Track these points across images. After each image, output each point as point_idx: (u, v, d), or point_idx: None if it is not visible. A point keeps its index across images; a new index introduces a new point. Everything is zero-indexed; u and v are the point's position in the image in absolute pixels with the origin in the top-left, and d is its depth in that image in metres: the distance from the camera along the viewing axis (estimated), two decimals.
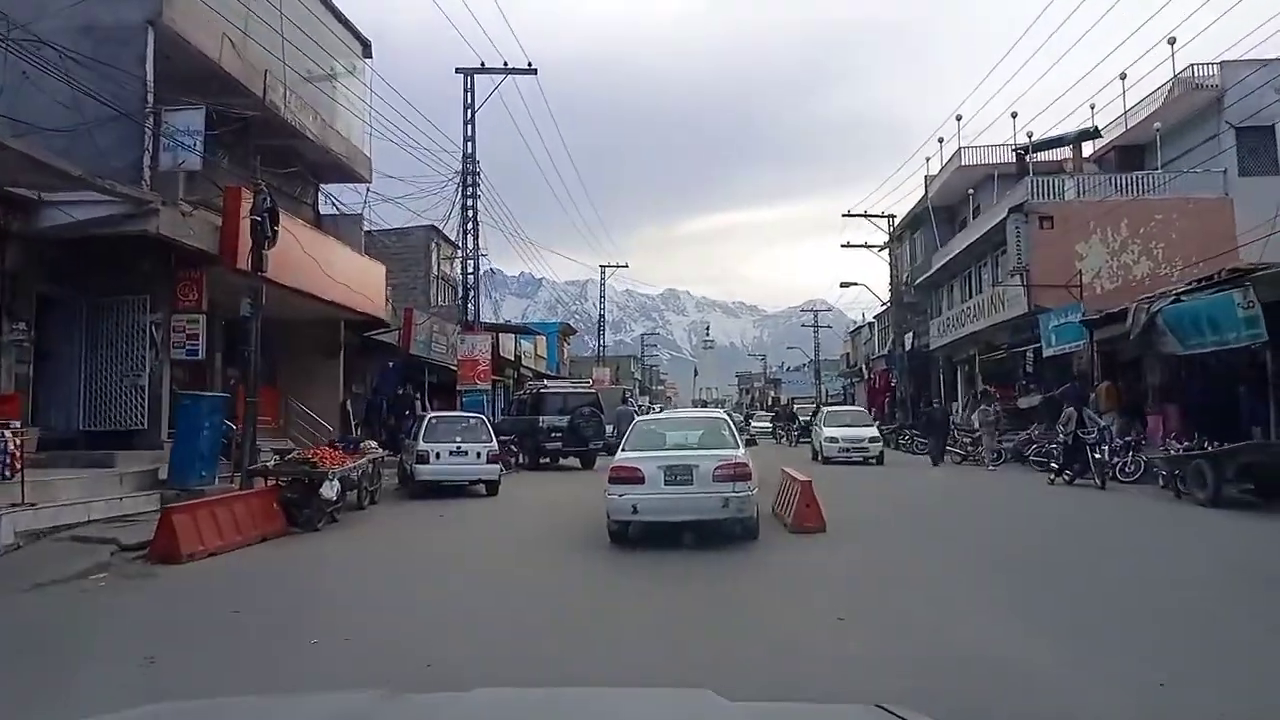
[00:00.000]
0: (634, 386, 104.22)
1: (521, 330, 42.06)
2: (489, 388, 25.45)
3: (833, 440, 26.68)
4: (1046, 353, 27.12)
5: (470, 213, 25.62)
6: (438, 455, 16.27)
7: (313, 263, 17.02)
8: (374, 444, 15.99)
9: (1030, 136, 31.53)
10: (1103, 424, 17.59)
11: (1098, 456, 16.97)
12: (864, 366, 56.34)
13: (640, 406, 65.77)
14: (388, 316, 24.35)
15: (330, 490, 12.00)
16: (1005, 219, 29.60)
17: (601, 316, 66.34)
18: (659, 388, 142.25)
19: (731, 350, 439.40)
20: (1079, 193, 29.50)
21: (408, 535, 12.69)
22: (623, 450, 11.42)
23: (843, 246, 43.72)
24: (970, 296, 36.93)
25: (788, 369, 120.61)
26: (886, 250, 50.63)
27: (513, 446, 22.82)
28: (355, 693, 1.84)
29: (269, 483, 12.30)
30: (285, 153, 18.54)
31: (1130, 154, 32.32)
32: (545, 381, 23.97)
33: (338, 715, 1.65)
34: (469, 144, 25.47)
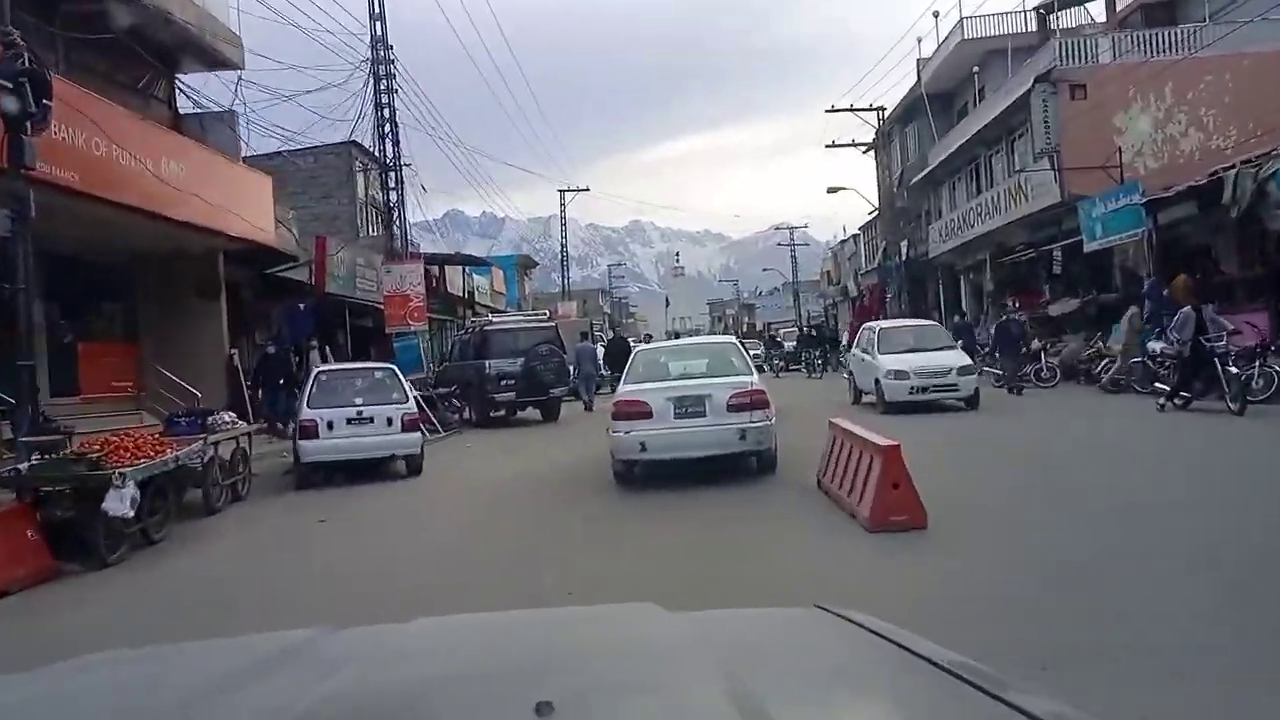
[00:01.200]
0: (603, 320, 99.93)
1: (471, 260, 37.02)
2: (425, 328, 20.74)
3: (899, 375, 16.81)
4: (1089, 247, 22.80)
5: (386, 112, 20.53)
6: (330, 425, 11.48)
7: (148, 168, 12.18)
8: (230, 416, 11.24)
9: None
10: (1230, 327, 13.21)
11: (1233, 370, 12.53)
12: (852, 283, 51.95)
13: (642, 337, 61.17)
14: (292, 248, 19.48)
15: (120, 503, 7.42)
16: (1029, 91, 24.95)
17: (564, 246, 61.34)
18: (629, 320, 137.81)
19: (700, 279, 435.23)
20: (1115, 54, 24.83)
21: (253, 565, 8.10)
22: (625, 383, 10.68)
23: (828, 146, 38.96)
24: (979, 193, 32.41)
25: (761, 293, 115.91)
26: (873, 151, 46.06)
27: (455, 400, 18.27)
28: (294, 631, 1.75)
29: (22, 497, 7.70)
30: (126, 33, 13.52)
31: (1158, 12, 27.70)
32: (492, 317, 19.24)
33: (281, 652, 1.59)
34: (377, 23, 20.26)
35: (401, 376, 12.19)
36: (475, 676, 1.42)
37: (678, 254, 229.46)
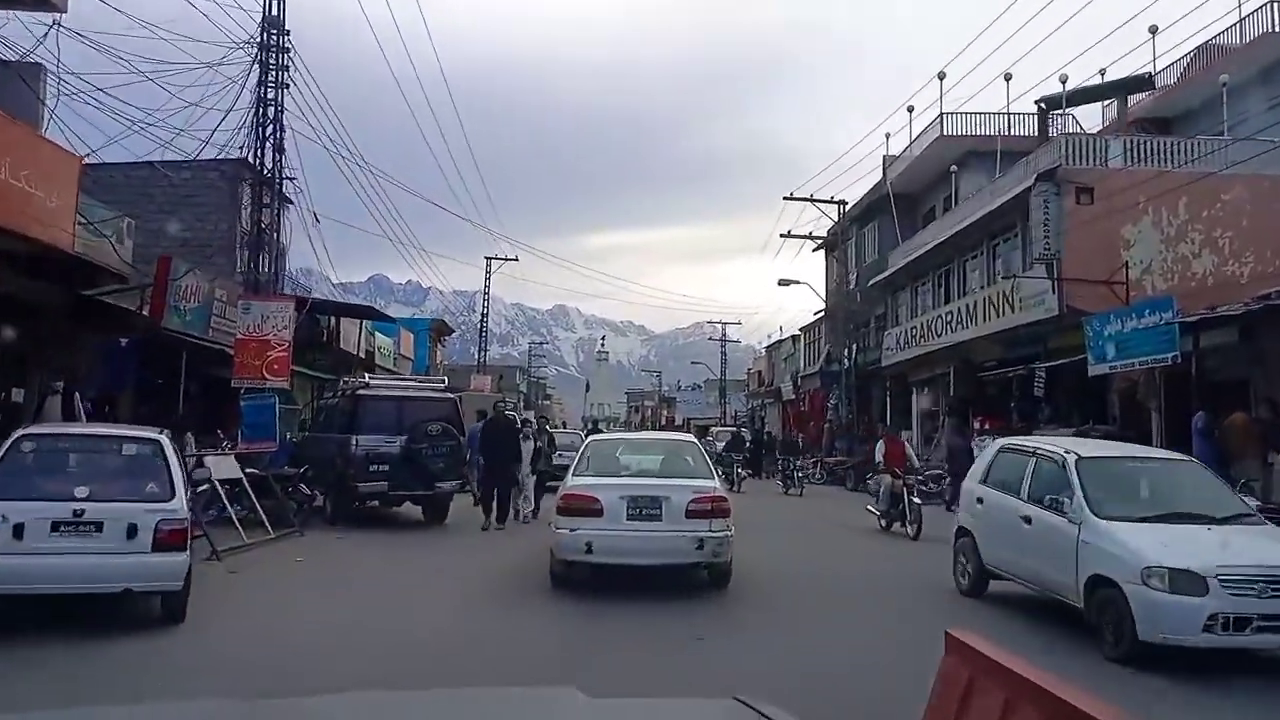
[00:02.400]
0: (519, 400, 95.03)
1: (372, 315, 32.18)
2: (286, 386, 15.94)
3: (1183, 581, 6.89)
4: (1095, 370, 19.49)
5: (272, 109, 16.14)
6: (18, 531, 6.60)
7: None
8: None
9: (1064, 82, 24.14)
10: None
11: None
12: (788, 385, 48.63)
13: (587, 426, 56.26)
14: (119, 265, 14.74)
15: None
16: (1028, 190, 22.02)
17: (484, 314, 56.80)
18: (545, 403, 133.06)
19: (620, 368, 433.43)
20: (1127, 159, 22.17)
21: None
22: (574, 474, 9.78)
23: (783, 236, 35.95)
24: (948, 301, 29.40)
25: (682, 387, 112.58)
26: (824, 250, 43.34)
27: (304, 487, 13.49)
28: (213, 700, 1.90)
29: None
30: None
31: (1158, 127, 25.54)
32: (368, 377, 14.62)
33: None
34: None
35: (171, 452, 7.39)
36: None
37: (602, 338, 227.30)
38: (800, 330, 48.11)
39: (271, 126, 16.27)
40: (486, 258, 55.29)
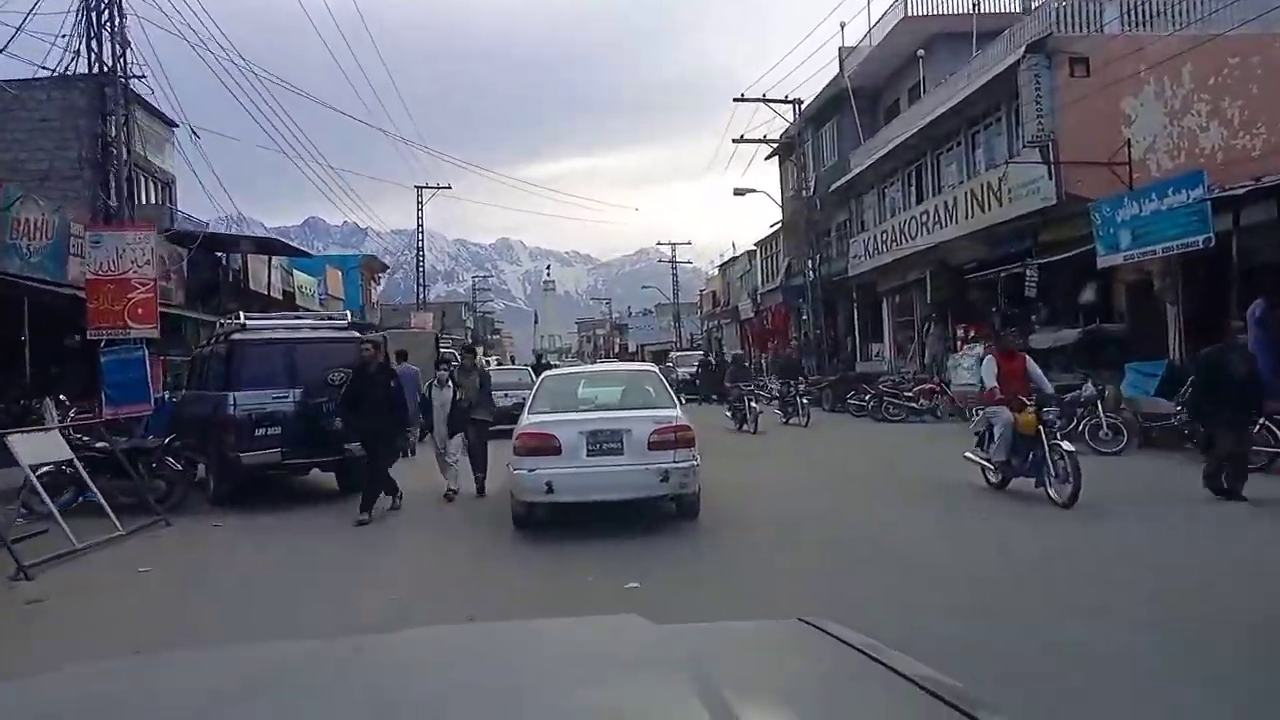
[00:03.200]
0: (466, 337, 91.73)
1: (286, 250, 28.72)
2: (152, 334, 12.85)
3: None
4: (1106, 261, 17.28)
5: None
6: None
7: None
8: None
9: None
10: None
11: None
12: (747, 303, 46.23)
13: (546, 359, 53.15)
14: None
15: None
16: (1017, 64, 19.41)
17: (420, 247, 53.20)
18: (494, 338, 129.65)
19: (568, 299, 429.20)
20: (1125, 22, 19.64)
21: None
22: (530, 411, 9.26)
23: (735, 141, 32.89)
24: (921, 200, 26.97)
25: (633, 314, 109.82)
26: (777, 158, 40.54)
27: (173, 461, 10.64)
28: (279, 643, 1.80)
29: None
30: None
31: None
32: (243, 317, 11.54)
33: (269, 665, 1.60)
34: None
35: None
36: (464, 693, 1.41)
37: (548, 267, 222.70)
38: (756, 245, 45.54)
39: (107, 12, 12.84)
40: (417, 186, 51.62)
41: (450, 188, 52.16)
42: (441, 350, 19.65)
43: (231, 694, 1.38)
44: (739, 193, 32.82)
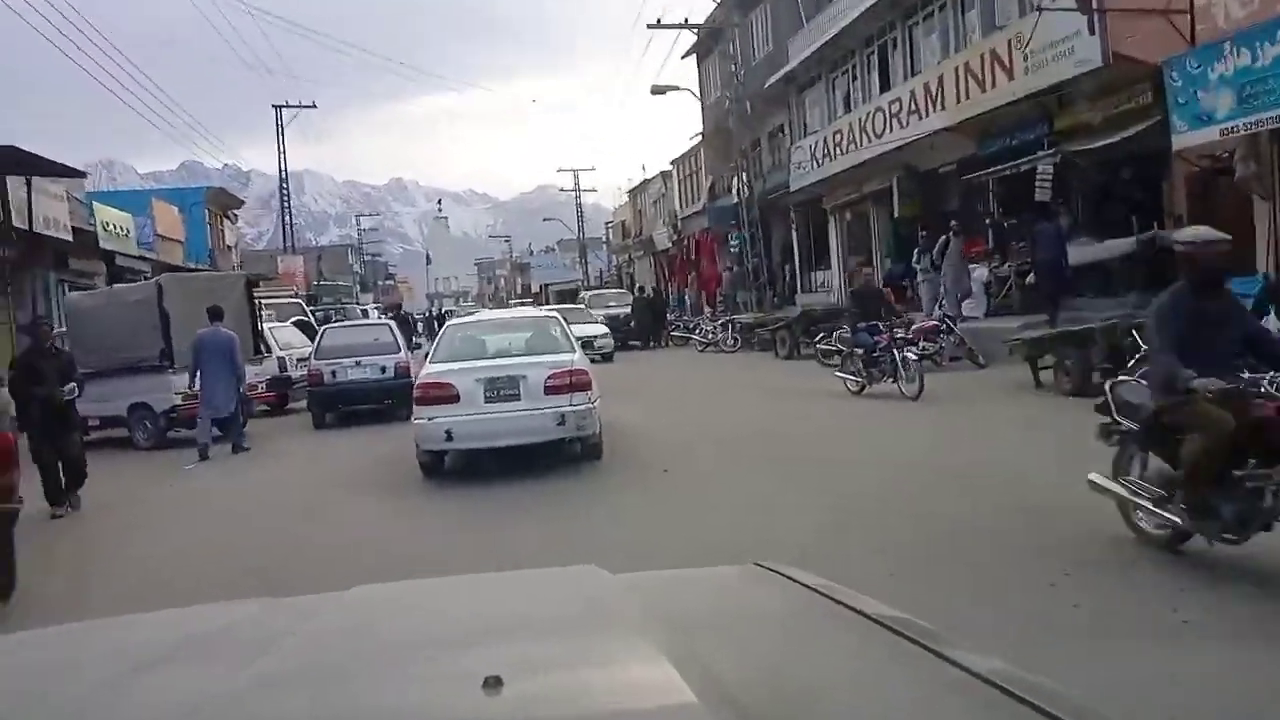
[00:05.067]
0: (353, 282, 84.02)
1: (41, 167, 20.80)
2: None
3: None
4: (1187, 141, 12.50)
5: None
6: None
7: None
8: None
9: None
10: None
11: None
12: (663, 232, 40.76)
13: (450, 311, 46.44)
14: None
15: None
16: None
17: (284, 180, 45.70)
18: (388, 282, 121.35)
19: (466, 239, 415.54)
20: None
21: None
22: (431, 361, 9.65)
23: (650, 26, 26.99)
24: (886, 89, 21.86)
25: (534, 252, 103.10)
26: (694, 59, 34.85)
27: None
28: (233, 603, 1.73)
29: None
30: None
31: None
32: None
33: (215, 625, 1.56)
34: None
35: None
36: (421, 647, 1.38)
37: (439, 202, 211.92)
38: (672, 163, 39.93)
39: None
40: (275, 105, 44.17)
41: (315, 106, 44.89)
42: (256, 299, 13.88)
43: (154, 660, 1.31)
44: (657, 91, 27.16)
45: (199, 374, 11.20)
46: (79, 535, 7.52)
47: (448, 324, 11.96)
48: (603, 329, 23.16)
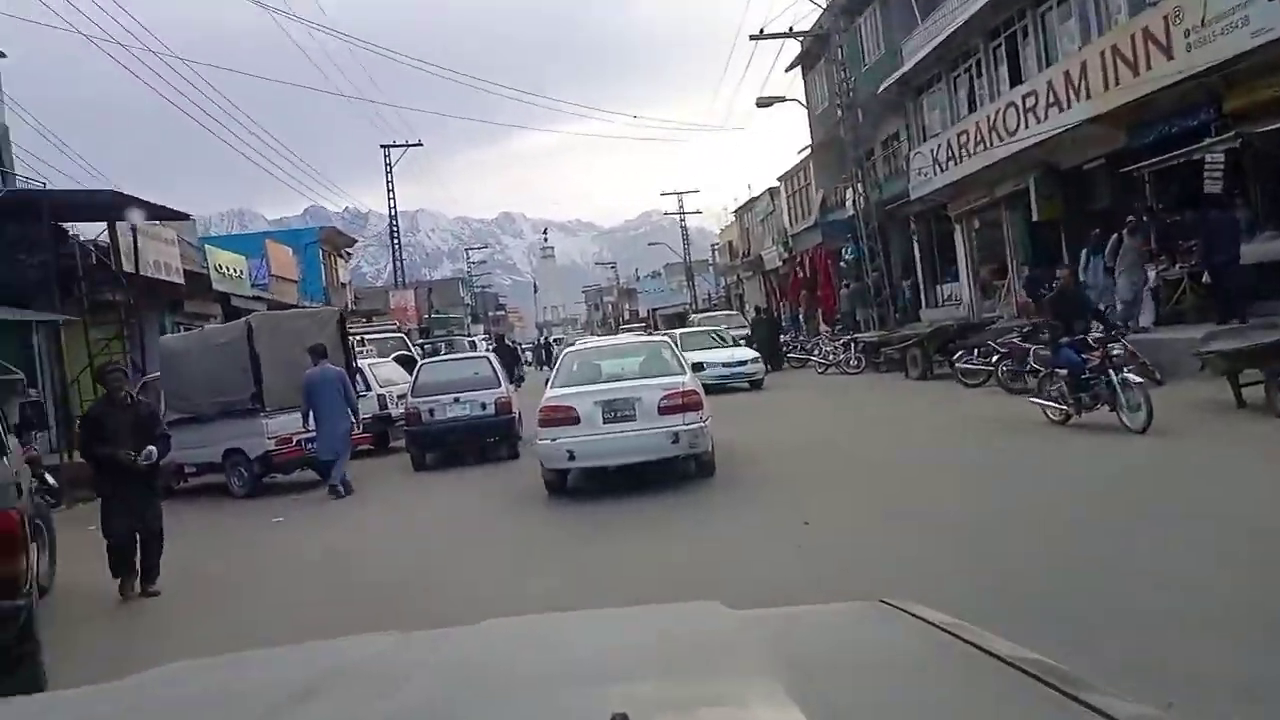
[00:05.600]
0: (465, 315, 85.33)
1: (163, 212, 20.68)
2: None
3: None
4: None
5: None
6: None
7: None
8: None
9: None
10: None
11: None
12: (774, 251, 39.32)
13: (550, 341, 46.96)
14: None
15: None
16: None
17: (393, 216, 46.24)
18: (498, 313, 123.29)
19: (573, 268, 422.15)
20: None
21: None
22: (552, 386, 10.31)
23: (753, 37, 25.79)
24: (1019, 81, 20.06)
25: (640, 278, 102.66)
26: (800, 70, 33.48)
27: None
28: (368, 636, 1.80)
29: None
30: None
31: None
32: None
33: (357, 659, 1.61)
34: None
35: None
36: (549, 683, 1.40)
37: (544, 232, 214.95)
38: (779, 180, 38.51)
39: None
40: (383, 146, 44.81)
41: (421, 144, 45.26)
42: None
43: (303, 692, 1.36)
44: (763, 103, 25.85)
45: (311, 415, 10.60)
46: (147, 625, 6.63)
47: (566, 351, 12.24)
48: (751, 353, 21.63)
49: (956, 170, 22.12)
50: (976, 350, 15.65)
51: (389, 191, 45.54)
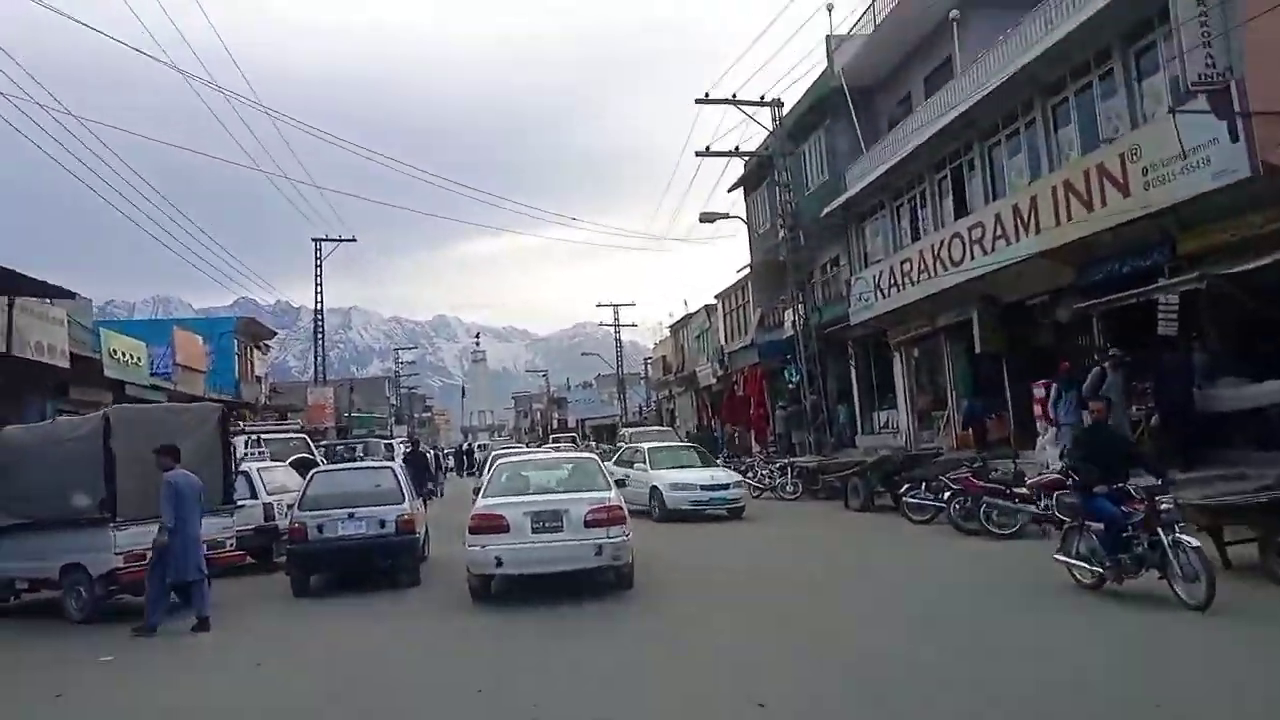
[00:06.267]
0: (389, 415, 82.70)
1: (53, 291, 19.06)
2: None
3: None
4: None
5: None
6: None
7: None
8: None
9: None
10: None
11: None
12: (710, 368, 38.60)
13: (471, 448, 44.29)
14: None
15: None
16: None
17: (319, 312, 44.45)
18: (424, 415, 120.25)
19: (505, 374, 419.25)
20: None
21: None
22: (484, 495, 10.45)
23: (699, 154, 25.47)
24: (963, 214, 19.88)
25: (571, 387, 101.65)
26: (742, 191, 33.55)
27: None
28: None
29: None
30: None
31: None
32: None
33: None
34: None
35: None
36: None
37: (477, 337, 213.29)
38: (717, 297, 38.15)
39: None
40: (314, 239, 43.44)
41: (355, 239, 44.03)
42: (230, 434, 11.44)
43: None
44: (706, 218, 25.38)
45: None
46: None
47: (498, 462, 12.30)
48: (733, 474, 18.93)
49: (898, 297, 21.71)
50: (925, 484, 14.67)
51: (317, 286, 43.91)
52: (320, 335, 46.23)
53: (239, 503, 11.28)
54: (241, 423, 18.75)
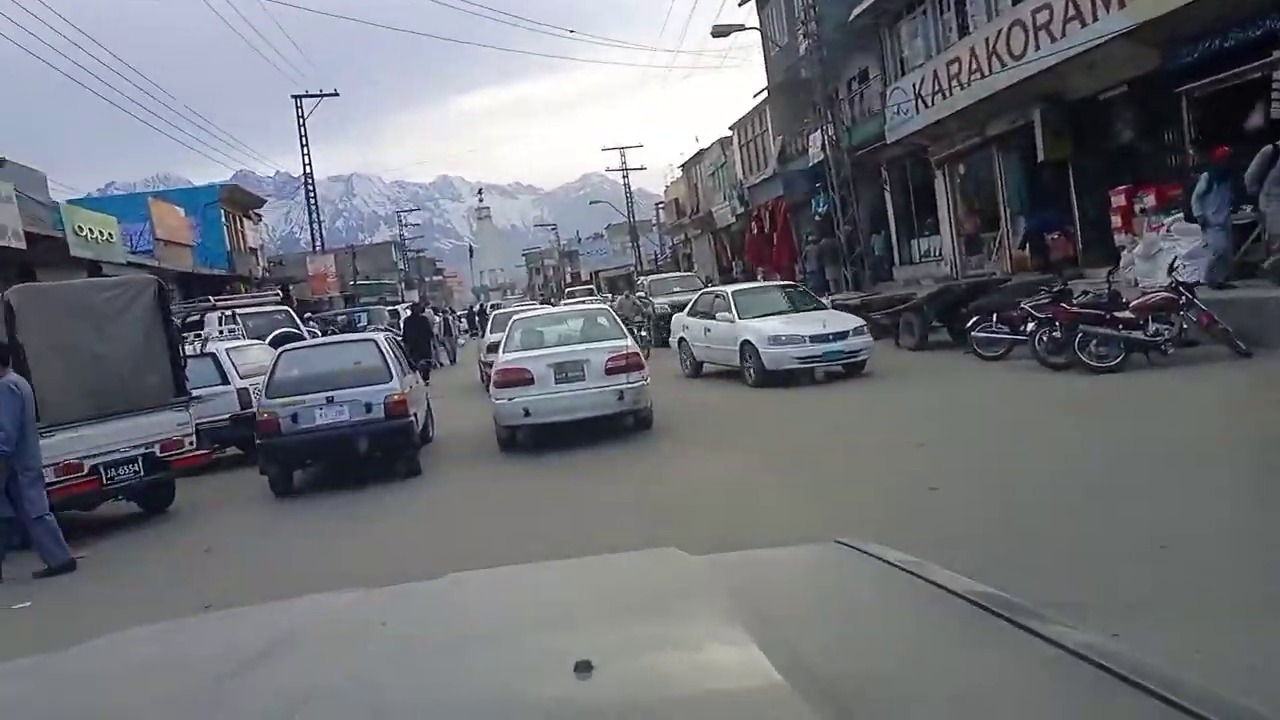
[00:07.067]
0: (399, 281, 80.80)
1: None
2: None
3: None
4: None
5: None
6: None
7: None
8: None
9: None
10: None
11: None
12: (732, 205, 36.03)
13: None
14: None
15: None
16: None
17: (308, 177, 41.77)
18: (435, 278, 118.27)
19: (513, 231, 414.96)
20: None
21: None
22: (505, 350, 10.83)
23: None
24: (1015, 1, 17.03)
25: (582, 239, 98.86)
26: (754, 3, 30.09)
27: None
28: (328, 595, 1.75)
29: None
30: None
31: None
32: None
33: (315, 620, 1.58)
34: None
35: None
36: (513, 633, 1.40)
37: (479, 192, 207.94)
38: (731, 128, 35.16)
39: None
40: (295, 96, 40.35)
41: (337, 94, 40.92)
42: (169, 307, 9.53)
43: (259, 655, 1.32)
44: (719, 32, 22.43)
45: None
46: None
47: (514, 318, 12.44)
48: (853, 319, 14.15)
49: (943, 105, 19.13)
50: (994, 315, 12.70)
51: (303, 146, 41.02)
52: (313, 200, 43.73)
53: (197, 393, 9.48)
54: (211, 297, 16.88)
